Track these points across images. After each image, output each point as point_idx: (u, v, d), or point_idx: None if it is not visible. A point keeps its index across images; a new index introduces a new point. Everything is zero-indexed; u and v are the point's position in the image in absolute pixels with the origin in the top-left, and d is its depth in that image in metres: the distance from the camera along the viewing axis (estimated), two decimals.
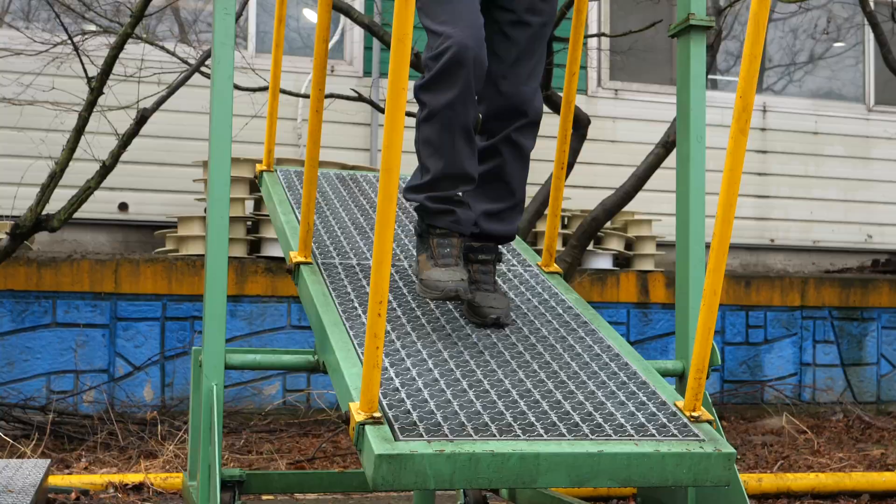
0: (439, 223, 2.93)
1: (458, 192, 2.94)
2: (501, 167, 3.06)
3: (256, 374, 6.66)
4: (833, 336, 7.99)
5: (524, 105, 3.03)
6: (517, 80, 3.03)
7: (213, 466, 2.88)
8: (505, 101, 3.02)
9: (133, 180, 7.70)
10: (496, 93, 3.02)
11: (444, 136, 2.85)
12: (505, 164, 3.06)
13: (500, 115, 3.03)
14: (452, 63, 2.79)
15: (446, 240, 2.92)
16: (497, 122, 3.04)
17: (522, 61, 3.05)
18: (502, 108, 3.03)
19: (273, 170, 4.01)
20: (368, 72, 8.40)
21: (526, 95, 3.04)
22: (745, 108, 2.32)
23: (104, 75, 5.58)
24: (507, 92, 3.02)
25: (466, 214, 2.98)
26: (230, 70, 3.03)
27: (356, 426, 2.30)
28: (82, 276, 6.42)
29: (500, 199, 3.09)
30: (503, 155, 3.05)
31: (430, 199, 2.93)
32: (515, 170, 3.08)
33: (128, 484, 4.79)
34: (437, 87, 2.84)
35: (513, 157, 3.06)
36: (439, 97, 2.84)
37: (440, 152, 2.88)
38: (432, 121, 2.87)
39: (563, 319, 3.13)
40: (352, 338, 2.74)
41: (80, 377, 6.41)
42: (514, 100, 3.02)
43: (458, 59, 2.79)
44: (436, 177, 2.90)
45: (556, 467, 2.33)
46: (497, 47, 3.03)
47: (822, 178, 9.48)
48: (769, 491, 5.03)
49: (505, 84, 3.02)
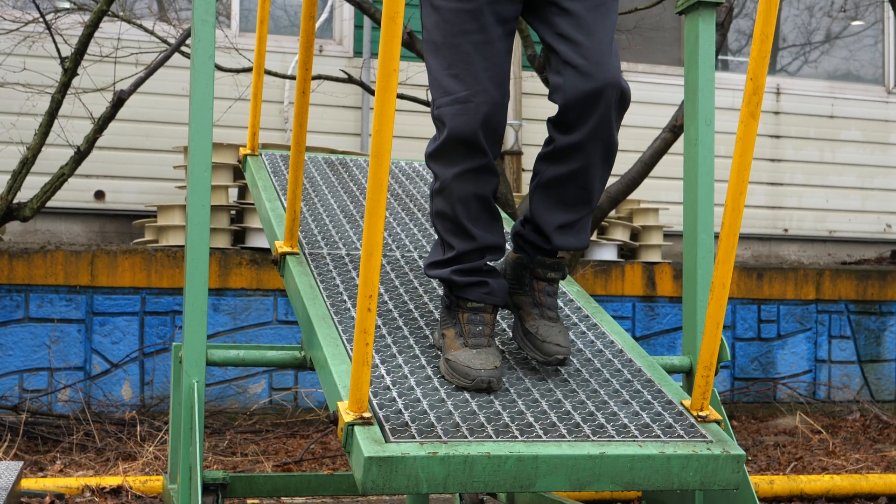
0: (471, 296, 2.73)
1: (486, 262, 2.77)
2: (586, 169, 2.74)
3: (241, 371, 6.66)
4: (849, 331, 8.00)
5: (609, 85, 2.66)
6: (596, 58, 2.67)
7: (194, 468, 2.88)
8: (588, 83, 2.65)
9: (109, 167, 7.69)
10: (577, 75, 2.65)
11: (460, 209, 2.70)
12: (590, 166, 2.73)
13: (584, 101, 2.66)
14: (462, 132, 2.64)
15: (478, 315, 2.72)
16: (579, 111, 2.68)
17: (596, 33, 2.71)
18: (585, 92, 2.65)
19: (258, 153, 4.00)
20: (359, 52, 8.39)
21: (610, 73, 2.67)
22: (755, 91, 2.32)
23: (78, 55, 5.57)
24: (587, 71, 2.65)
25: (499, 284, 2.78)
26: (211, 49, 3.02)
27: (345, 427, 2.30)
28: (56, 268, 6.42)
29: (575, 208, 2.79)
30: (588, 154, 2.72)
31: (456, 273, 2.74)
32: (599, 171, 2.76)
33: (105, 487, 4.79)
34: (447, 157, 2.68)
35: (600, 156, 2.73)
36: (450, 169, 2.68)
37: (459, 227, 2.72)
38: (444, 193, 2.71)
39: (564, 313, 3.13)
40: (340, 333, 2.74)
41: (55, 375, 6.41)
42: (597, 79, 2.65)
43: (468, 126, 2.63)
44: (460, 252, 2.73)
45: (556, 470, 2.34)
46: (562, 27, 2.71)
47: (838, 164, 9.49)
48: (781, 494, 5.04)
49: (584, 65, 2.66)
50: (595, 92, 2.65)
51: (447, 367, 2.63)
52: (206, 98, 3.02)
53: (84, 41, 5.53)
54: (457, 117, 2.63)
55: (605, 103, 2.67)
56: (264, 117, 7.02)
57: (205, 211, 2.99)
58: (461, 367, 2.60)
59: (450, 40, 2.70)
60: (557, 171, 2.76)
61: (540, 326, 2.74)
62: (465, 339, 2.68)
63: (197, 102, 3.01)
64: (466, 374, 2.59)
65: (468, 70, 2.67)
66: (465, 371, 2.59)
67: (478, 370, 2.58)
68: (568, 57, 2.68)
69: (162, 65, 5.92)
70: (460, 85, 2.65)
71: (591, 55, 2.67)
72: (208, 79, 3.02)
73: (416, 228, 3.60)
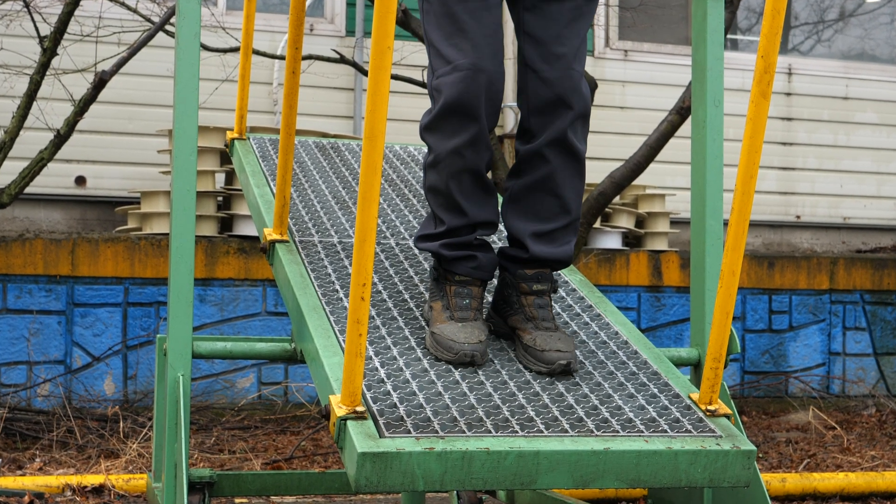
0: (458, 270, 2.80)
1: (476, 237, 2.84)
2: (550, 176, 2.83)
3: (228, 365, 6.66)
4: (865, 322, 8.01)
5: (570, 94, 2.80)
6: (561, 64, 2.80)
7: (179, 466, 2.88)
8: (548, 90, 2.79)
9: (91, 151, 7.68)
10: (537, 82, 2.81)
11: (452, 184, 2.75)
12: (554, 172, 2.83)
13: (544, 109, 2.81)
14: (460, 99, 2.69)
15: (465, 288, 2.79)
16: (540, 119, 2.82)
17: (564, 40, 2.83)
18: (545, 100, 2.80)
19: (245, 137, 4.00)
20: (352, 31, 8.38)
21: (573, 81, 2.80)
22: (766, 70, 2.32)
23: (58, 34, 5.56)
24: (550, 79, 2.80)
25: (489, 258, 2.85)
26: (197, 28, 3.02)
27: (337, 421, 2.30)
28: (35, 257, 6.41)
29: (550, 217, 2.86)
30: (550, 161, 2.82)
31: (445, 247, 2.81)
32: (567, 178, 2.84)
33: (86, 486, 4.80)
34: (442, 129, 2.74)
35: (563, 162, 2.83)
36: (445, 142, 2.73)
37: (451, 202, 2.78)
38: (438, 167, 2.77)
39: (566, 303, 3.13)
40: (332, 324, 2.74)
41: (34, 369, 6.41)
42: (558, 88, 2.79)
43: (468, 93, 2.68)
44: (451, 227, 2.79)
45: (558, 466, 2.34)
46: (530, 26, 2.84)
47: (853, 147, 9.49)
48: (794, 492, 5.05)
49: (547, 69, 2.80)
50: (555, 101, 2.79)
51: (432, 339, 2.70)
52: (192, 79, 3.01)
53: (64, 20, 5.52)
54: (457, 84, 2.68)
55: (564, 112, 2.79)
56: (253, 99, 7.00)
57: (190, 197, 2.99)
58: (445, 340, 2.66)
59: (449, 9, 2.75)
60: (524, 181, 2.85)
61: (537, 338, 2.74)
62: (452, 312, 2.74)
63: (182, 84, 3.01)
64: (450, 347, 2.65)
65: (468, 39, 2.72)
66: (449, 345, 2.65)
67: (461, 344, 2.64)
68: (531, 61, 2.81)
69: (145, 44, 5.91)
70: (460, 53, 2.71)
71: (555, 62, 2.80)
72: (194, 59, 3.01)
73: (412, 215, 3.60)
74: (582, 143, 2.84)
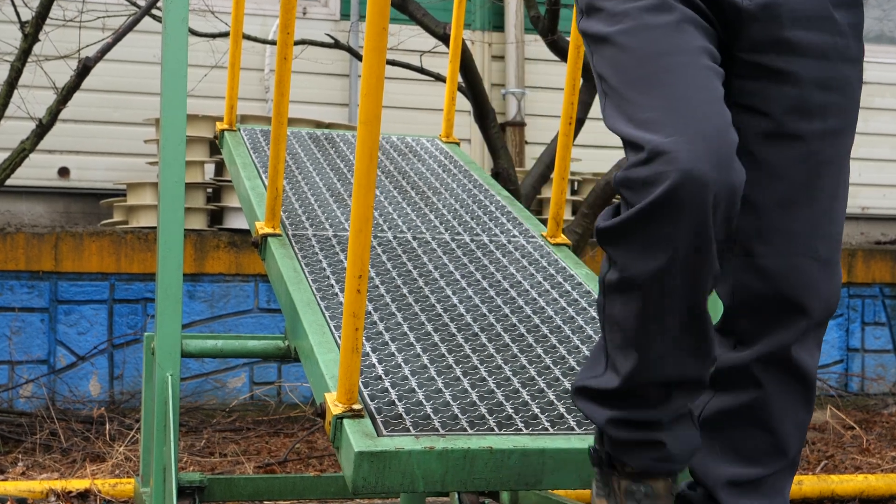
0: (631, 461, 2.02)
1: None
2: (761, 404, 2.11)
3: (219, 364, 6.66)
4: (885, 317, 8.01)
5: (805, 294, 2.06)
6: (789, 248, 2.06)
7: (168, 470, 2.89)
8: (766, 285, 2.07)
9: (74, 141, 7.68)
10: (749, 270, 2.08)
11: (650, 325, 1.91)
12: (767, 399, 2.11)
13: (758, 309, 2.08)
14: (668, 206, 1.82)
15: (642, 485, 2.01)
16: (751, 323, 2.10)
17: (796, 209, 2.07)
18: (761, 298, 2.07)
19: (236, 128, 4.01)
20: (346, 14, 8.38)
21: (810, 276, 2.06)
22: None
23: (40, 19, 5.56)
24: (768, 269, 2.06)
25: (687, 438, 2.02)
26: (185, 12, 3.03)
27: (333, 420, 2.30)
28: (17, 252, 6.42)
29: (756, 459, 2.13)
30: (763, 385, 2.10)
31: (613, 424, 2.00)
32: (787, 407, 2.12)
33: (71, 491, 4.81)
34: (638, 241, 1.87)
35: (781, 388, 2.11)
36: (643, 262, 1.87)
37: (638, 346, 1.93)
38: (629, 295, 1.91)
39: (572, 297, 3.14)
40: (327, 319, 2.74)
41: (16, 369, 6.42)
42: (783, 284, 2.05)
43: (682, 198, 1.81)
44: (629, 385, 1.96)
45: (565, 466, 2.34)
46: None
47: (871, 134, 9.48)
48: (810, 495, 5.05)
49: (764, 255, 2.07)
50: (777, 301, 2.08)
51: None
52: (180, 65, 3.02)
53: (46, 4, 5.53)
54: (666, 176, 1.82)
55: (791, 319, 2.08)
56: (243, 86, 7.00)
57: (179, 188, 3.00)
58: None
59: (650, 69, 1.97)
60: (722, 402, 2.14)
61: None
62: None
63: (169, 70, 3.02)
64: None
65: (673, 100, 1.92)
66: None
67: None
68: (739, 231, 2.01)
69: (131, 29, 5.91)
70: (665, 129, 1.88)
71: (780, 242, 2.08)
72: (181, 44, 3.02)
73: (410, 208, 3.61)
74: (813, 357, 2.12)
